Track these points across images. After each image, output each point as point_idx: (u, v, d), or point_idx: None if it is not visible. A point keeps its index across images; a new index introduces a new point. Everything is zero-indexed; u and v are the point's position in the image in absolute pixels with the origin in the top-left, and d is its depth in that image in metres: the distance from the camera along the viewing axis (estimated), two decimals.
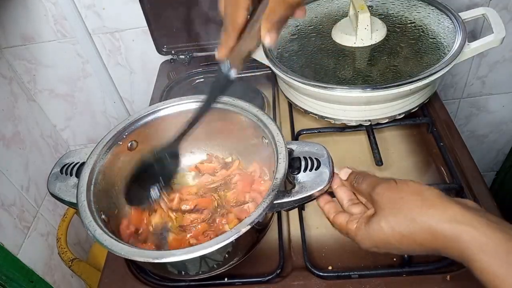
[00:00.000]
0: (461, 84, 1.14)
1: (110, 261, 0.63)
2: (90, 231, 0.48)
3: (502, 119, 1.25)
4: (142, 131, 0.62)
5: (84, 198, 0.52)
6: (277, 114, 0.85)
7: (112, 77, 1.12)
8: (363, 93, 0.66)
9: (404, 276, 0.55)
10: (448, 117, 0.77)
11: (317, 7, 0.88)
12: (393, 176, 0.68)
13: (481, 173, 0.66)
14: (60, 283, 1.12)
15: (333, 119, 0.74)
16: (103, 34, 1.03)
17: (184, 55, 1.01)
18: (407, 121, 0.76)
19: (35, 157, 1.12)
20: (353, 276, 0.56)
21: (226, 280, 0.58)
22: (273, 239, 0.62)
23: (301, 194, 0.49)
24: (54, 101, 1.17)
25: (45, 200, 1.13)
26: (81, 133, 1.28)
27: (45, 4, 0.96)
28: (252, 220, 0.46)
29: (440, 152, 0.71)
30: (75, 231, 1.19)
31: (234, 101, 0.60)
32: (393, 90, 0.66)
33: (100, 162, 0.57)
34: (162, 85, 0.98)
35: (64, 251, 0.98)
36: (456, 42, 0.70)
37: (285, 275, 0.58)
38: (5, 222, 0.97)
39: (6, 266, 0.86)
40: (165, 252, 0.46)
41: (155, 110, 0.62)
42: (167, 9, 0.95)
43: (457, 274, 0.54)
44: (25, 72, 1.09)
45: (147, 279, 0.60)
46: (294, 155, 0.54)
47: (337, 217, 0.47)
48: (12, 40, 1.02)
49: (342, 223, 0.46)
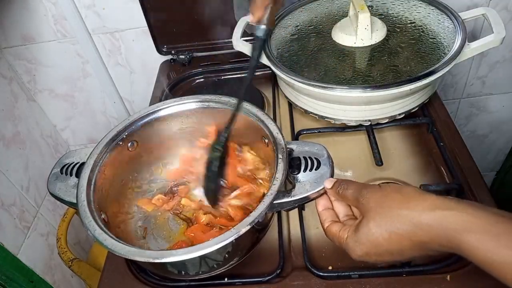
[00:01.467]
0: (461, 84, 1.14)
1: (110, 261, 0.63)
2: (90, 231, 0.48)
3: (502, 119, 1.25)
4: (142, 131, 0.62)
5: (84, 198, 0.52)
6: (277, 114, 0.85)
7: (112, 77, 1.12)
8: (363, 93, 0.66)
9: (404, 276, 0.55)
10: (448, 117, 0.77)
11: (317, 7, 0.88)
12: (393, 176, 0.69)
13: (481, 173, 0.66)
14: (60, 283, 1.12)
15: (333, 119, 0.74)
16: (103, 34, 1.03)
17: (184, 55, 1.01)
18: (407, 121, 0.76)
19: (35, 157, 1.12)
20: (353, 276, 0.56)
21: (226, 280, 0.58)
22: (273, 239, 0.62)
23: (301, 194, 0.49)
24: (54, 101, 1.17)
25: (45, 200, 1.13)
26: (81, 133, 1.28)
27: (45, 4, 0.96)
28: (252, 220, 0.46)
29: (440, 152, 0.71)
30: (75, 231, 1.19)
31: (234, 101, 0.60)
32: (393, 90, 0.66)
33: (100, 162, 0.57)
34: (162, 85, 0.98)
35: (64, 251, 0.98)
36: (456, 42, 0.70)
37: (285, 275, 0.58)
38: (5, 222, 0.97)
39: (6, 266, 0.86)
40: (165, 252, 0.46)
41: (155, 110, 0.62)
42: (167, 9, 0.95)
43: (457, 274, 0.54)
44: (25, 72, 1.09)
45: (147, 279, 0.60)
46: (294, 155, 0.54)
47: (332, 226, 0.48)
48: (12, 40, 1.02)
49: (335, 232, 0.46)
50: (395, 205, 0.41)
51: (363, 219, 0.43)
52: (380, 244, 0.41)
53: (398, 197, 0.42)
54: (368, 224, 0.42)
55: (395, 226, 0.40)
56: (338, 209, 0.50)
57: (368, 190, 0.44)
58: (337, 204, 0.50)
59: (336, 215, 0.49)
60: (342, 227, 0.46)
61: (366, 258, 0.43)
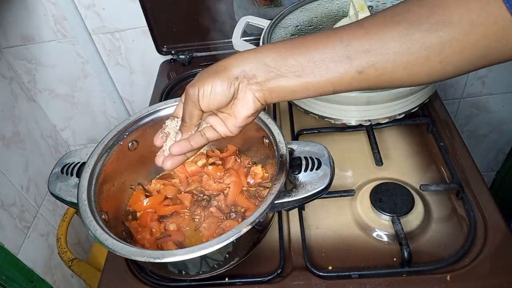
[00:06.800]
0: (461, 84, 1.15)
1: (110, 261, 0.63)
2: (91, 231, 0.48)
3: (502, 119, 1.25)
4: (142, 131, 0.62)
5: (85, 198, 0.52)
6: (277, 114, 0.85)
7: (112, 77, 1.12)
8: (363, 93, 0.67)
9: (404, 276, 0.55)
10: (448, 117, 0.77)
11: (317, 7, 0.88)
12: (393, 176, 0.69)
13: (481, 173, 0.66)
14: (60, 283, 1.12)
15: (333, 119, 0.74)
16: (103, 34, 1.03)
17: (184, 55, 1.01)
18: (407, 121, 0.76)
19: (35, 157, 1.12)
20: (353, 276, 0.56)
21: (226, 280, 0.58)
22: (274, 239, 0.62)
23: (302, 194, 0.49)
24: (54, 101, 1.17)
25: (45, 200, 1.13)
26: (81, 133, 1.28)
27: (45, 4, 0.96)
28: (253, 220, 0.46)
29: (440, 152, 0.71)
30: (75, 231, 1.19)
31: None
32: (393, 90, 0.66)
33: (101, 162, 0.57)
34: (162, 85, 0.98)
35: (64, 251, 0.98)
36: None
37: (286, 275, 0.58)
38: (5, 222, 0.97)
39: (6, 266, 0.86)
40: (165, 252, 0.46)
41: (155, 110, 0.62)
42: (167, 9, 0.95)
43: (457, 274, 0.54)
44: (25, 72, 1.09)
45: (147, 279, 0.60)
46: (295, 155, 0.54)
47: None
48: (12, 40, 1.02)
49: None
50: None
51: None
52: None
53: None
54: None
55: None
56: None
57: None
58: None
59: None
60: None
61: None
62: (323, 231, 0.63)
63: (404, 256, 0.56)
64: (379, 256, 0.59)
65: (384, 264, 0.58)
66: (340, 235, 0.62)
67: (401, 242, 0.57)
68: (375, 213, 0.63)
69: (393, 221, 0.60)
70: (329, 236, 0.62)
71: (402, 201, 0.62)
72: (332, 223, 0.64)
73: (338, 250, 0.61)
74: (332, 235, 0.62)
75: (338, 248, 0.61)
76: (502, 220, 0.59)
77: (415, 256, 0.56)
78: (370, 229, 0.62)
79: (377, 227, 0.62)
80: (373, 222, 0.62)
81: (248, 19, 0.85)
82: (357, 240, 0.61)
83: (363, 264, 0.58)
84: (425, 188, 0.64)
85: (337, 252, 0.60)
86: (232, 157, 0.66)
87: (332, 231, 0.63)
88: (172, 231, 0.58)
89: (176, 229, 0.59)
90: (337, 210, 0.66)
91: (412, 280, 0.55)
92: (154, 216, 0.60)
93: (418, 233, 0.61)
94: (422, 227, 0.61)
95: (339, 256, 0.60)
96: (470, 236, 0.58)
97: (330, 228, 0.63)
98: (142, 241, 0.57)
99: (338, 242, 0.61)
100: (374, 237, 0.61)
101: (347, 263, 0.59)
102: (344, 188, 0.66)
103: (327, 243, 0.62)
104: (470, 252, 0.57)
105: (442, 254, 0.58)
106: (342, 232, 0.63)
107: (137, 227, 0.59)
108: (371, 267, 0.58)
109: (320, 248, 0.61)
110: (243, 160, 0.66)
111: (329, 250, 0.61)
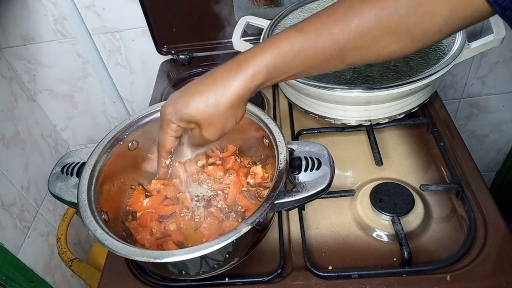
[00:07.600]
0: (461, 84, 1.15)
1: (110, 261, 0.63)
2: (91, 231, 0.48)
3: (502, 119, 1.25)
4: (142, 131, 0.62)
5: (85, 198, 0.52)
6: (277, 114, 0.85)
7: (112, 77, 1.12)
8: (363, 93, 0.67)
9: (404, 276, 0.55)
10: (448, 117, 0.77)
11: (317, 7, 0.88)
12: (393, 176, 0.69)
13: (481, 173, 0.66)
14: (60, 283, 1.12)
15: (333, 119, 0.74)
16: (103, 34, 1.03)
17: (184, 55, 1.01)
18: (407, 121, 0.76)
19: (35, 157, 1.12)
20: (353, 276, 0.56)
21: (226, 280, 0.58)
22: (274, 239, 0.62)
23: (302, 194, 0.50)
24: (54, 101, 1.17)
25: (45, 200, 1.13)
26: (81, 133, 1.28)
27: (45, 4, 0.96)
28: (253, 220, 0.46)
29: (440, 152, 0.71)
30: (75, 231, 1.19)
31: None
32: (393, 90, 0.66)
33: (101, 162, 0.57)
34: (162, 85, 0.98)
35: (64, 251, 0.98)
36: (456, 42, 0.71)
37: (286, 275, 0.58)
38: (5, 222, 0.97)
39: (6, 266, 0.86)
40: (165, 252, 0.46)
41: (155, 110, 0.62)
42: (167, 9, 0.95)
43: (457, 274, 0.54)
44: (25, 72, 1.09)
45: (147, 279, 0.60)
46: (295, 155, 0.54)
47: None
48: (12, 40, 1.02)
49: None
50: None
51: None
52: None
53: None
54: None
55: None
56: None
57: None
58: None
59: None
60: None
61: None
62: (323, 231, 0.63)
63: (404, 256, 0.56)
64: (379, 256, 0.59)
65: (384, 264, 0.58)
66: (340, 235, 0.62)
67: (401, 242, 0.57)
68: (375, 213, 0.63)
69: (393, 221, 0.60)
70: (329, 236, 0.62)
71: (402, 201, 0.62)
72: (332, 223, 0.64)
73: (338, 250, 0.61)
74: (332, 235, 0.62)
75: (338, 248, 0.61)
76: (502, 220, 0.59)
77: (415, 256, 0.56)
78: (370, 229, 0.62)
79: (377, 227, 0.62)
80: (373, 222, 0.62)
81: (248, 19, 0.85)
82: (357, 240, 0.61)
83: (363, 264, 0.58)
84: (425, 188, 0.64)
85: (337, 252, 0.60)
86: (232, 157, 0.66)
87: (332, 231, 0.63)
88: (172, 231, 0.58)
89: (176, 229, 0.59)
90: (337, 210, 0.66)
91: (412, 280, 0.55)
92: (154, 216, 0.60)
93: (418, 233, 0.61)
94: (422, 227, 0.61)
95: (339, 256, 0.60)
96: (470, 236, 0.58)
97: (330, 228, 0.64)
98: (142, 241, 0.57)
99: (338, 242, 0.62)
100: (374, 237, 0.61)
101: (347, 263, 0.59)
102: (344, 188, 0.66)
103: (327, 243, 0.62)
104: (470, 252, 0.57)
105: (442, 254, 0.58)
106: (342, 232, 0.63)
107: (137, 227, 0.59)
108: (371, 267, 0.58)
109: (320, 248, 0.61)
110: (243, 160, 0.66)
111: (329, 250, 0.61)
